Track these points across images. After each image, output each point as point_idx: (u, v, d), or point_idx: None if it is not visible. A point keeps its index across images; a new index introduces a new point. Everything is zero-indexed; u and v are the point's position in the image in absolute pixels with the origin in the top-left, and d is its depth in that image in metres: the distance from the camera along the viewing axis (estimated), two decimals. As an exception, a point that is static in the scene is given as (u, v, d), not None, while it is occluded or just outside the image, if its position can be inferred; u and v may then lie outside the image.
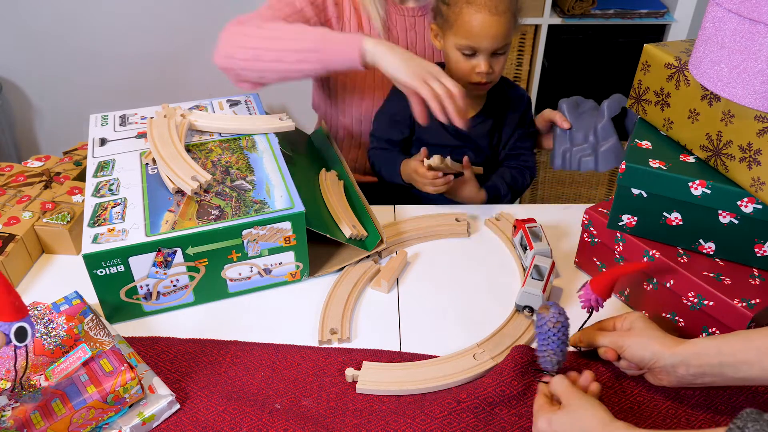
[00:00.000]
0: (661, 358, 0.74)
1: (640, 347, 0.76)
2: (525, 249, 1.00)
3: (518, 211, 1.14)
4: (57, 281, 0.99)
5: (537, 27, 1.98)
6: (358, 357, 0.87)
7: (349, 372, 0.83)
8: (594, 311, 0.84)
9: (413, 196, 1.21)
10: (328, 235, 0.96)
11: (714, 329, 0.83)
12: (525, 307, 0.91)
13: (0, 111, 2.18)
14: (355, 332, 0.91)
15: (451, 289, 0.99)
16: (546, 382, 0.77)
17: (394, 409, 0.80)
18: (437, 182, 1.07)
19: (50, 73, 2.19)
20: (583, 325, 0.85)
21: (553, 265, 0.93)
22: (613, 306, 0.95)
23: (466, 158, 1.10)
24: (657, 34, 2.05)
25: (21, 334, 0.68)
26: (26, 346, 0.69)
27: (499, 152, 1.22)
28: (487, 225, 1.12)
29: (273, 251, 0.93)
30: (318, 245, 1.00)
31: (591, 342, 0.82)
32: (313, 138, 1.27)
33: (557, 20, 1.97)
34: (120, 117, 1.12)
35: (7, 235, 0.99)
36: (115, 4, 2.06)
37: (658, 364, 0.74)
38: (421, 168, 1.07)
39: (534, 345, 0.81)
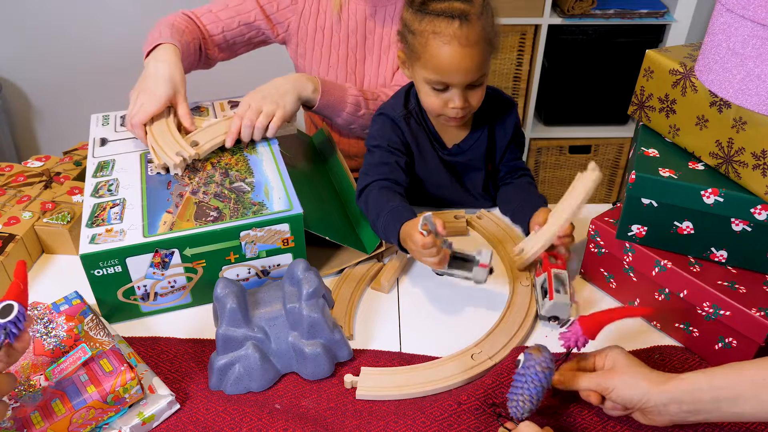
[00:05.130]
0: (652, 397, 0.69)
1: (627, 387, 0.70)
2: (545, 294, 0.91)
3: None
4: (57, 281, 0.99)
5: (537, 27, 1.98)
6: (358, 358, 0.87)
7: (348, 378, 0.83)
8: (574, 350, 0.77)
9: (413, 196, 1.21)
10: (327, 237, 0.96)
11: (730, 339, 0.82)
12: (551, 317, 0.91)
13: (0, 111, 2.18)
14: (355, 333, 0.92)
15: (450, 288, 0.99)
16: (509, 429, 0.72)
17: (394, 410, 0.80)
18: (427, 253, 0.86)
19: (50, 73, 2.19)
20: (561, 363, 0.77)
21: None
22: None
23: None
24: (657, 34, 2.04)
25: (5, 310, 0.66)
26: (6, 338, 0.66)
27: (491, 168, 1.13)
28: (474, 223, 1.11)
29: (271, 253, 0.93)
30: (316, 248, 1.00)
31: (571, 385, 0.75)
32: (314, 140, 1.27)
33: (557, 20, 1.97)
34: (121, 117, 1.12)
35: (7, 235, 0.99)
36: (115, 4, 2.06)
37: (649, 403, 0.69)
38: (417, 236, 0.86)
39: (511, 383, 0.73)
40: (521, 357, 0.72)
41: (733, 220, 0.81)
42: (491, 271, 0.91)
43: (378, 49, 1.26)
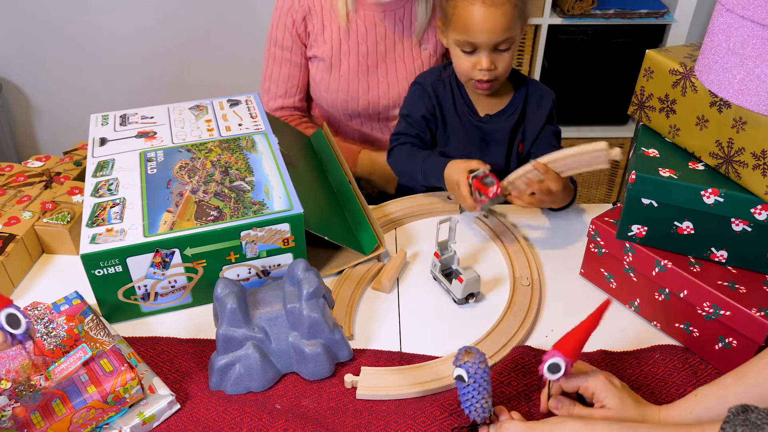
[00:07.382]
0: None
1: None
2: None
3: (516, 212, 1.14)
4: (57, 281, 0.99)
5: (537, 27, 1.98)
6: (358, 358, 0.87)
7: (348, 378, 0.83)
8: (555, 379, 0.72)
9: (410, 192, 1.21)
10: (326, 238, 0.96)
11: (730, 339, 0.82)
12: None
13: (0, 111, 2.18)
14: (355, 333, 0.91)
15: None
16: None
17: (394, 410, 0.80)
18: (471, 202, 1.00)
19: (50, 73, 2.19)
20: (549, 391, 0.76)
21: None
22: (629, 319, 0.95)
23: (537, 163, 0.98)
24: (657, 34, 2.04)
25: (13, 321, 0.66)
26: (24, 343, 0.68)
27: (522, 150, 1.16)
28: (476, 223, 1.12)
29: (271, 253, 0.93)
30: (317, 248, 1.00)
31: (570, 413, 0.75)
32: (313, 139, 1.27)
33: (557, 20, 1.97)
34: (120, 117, 1.12)
35: (7, 235, 0.99)
36: (115, 4, 2.06)
37: None
38: (465, 188, 1.00)
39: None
40: (461, 372, 0.69)
41: (733, 220, 0.81)
42: (470, 296, 0.95)
43: (392, 54, 1.25)
